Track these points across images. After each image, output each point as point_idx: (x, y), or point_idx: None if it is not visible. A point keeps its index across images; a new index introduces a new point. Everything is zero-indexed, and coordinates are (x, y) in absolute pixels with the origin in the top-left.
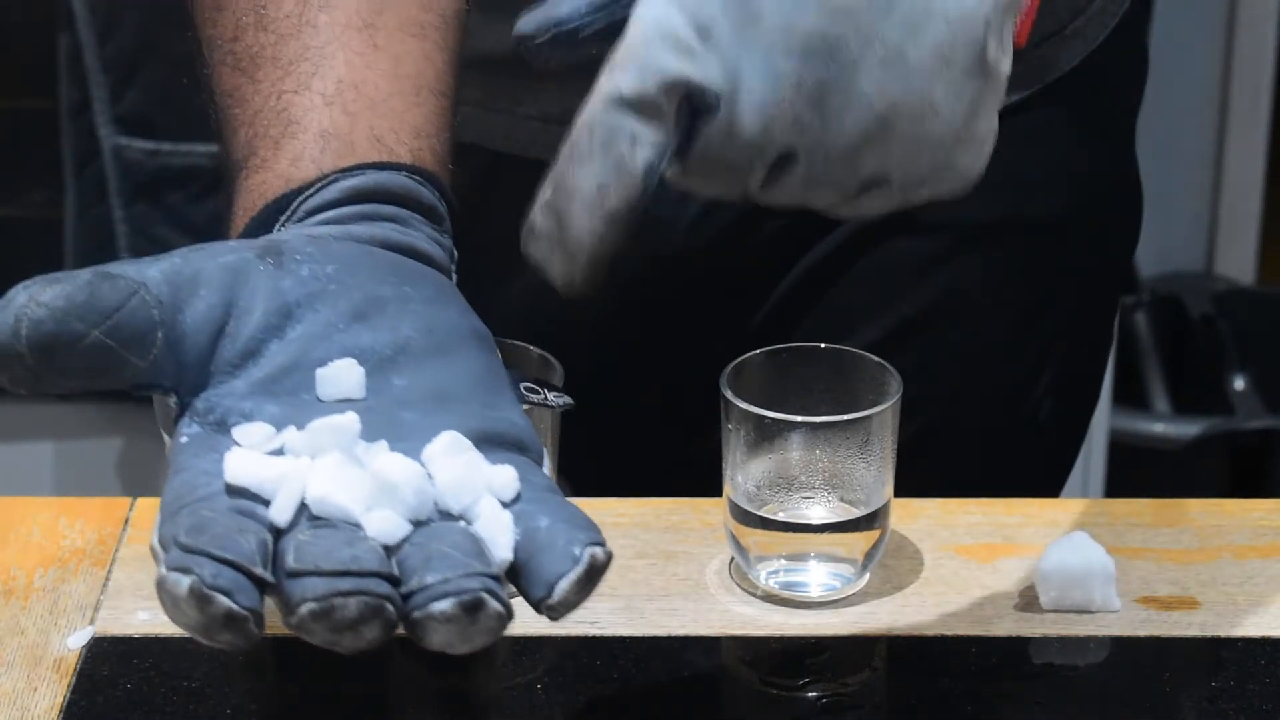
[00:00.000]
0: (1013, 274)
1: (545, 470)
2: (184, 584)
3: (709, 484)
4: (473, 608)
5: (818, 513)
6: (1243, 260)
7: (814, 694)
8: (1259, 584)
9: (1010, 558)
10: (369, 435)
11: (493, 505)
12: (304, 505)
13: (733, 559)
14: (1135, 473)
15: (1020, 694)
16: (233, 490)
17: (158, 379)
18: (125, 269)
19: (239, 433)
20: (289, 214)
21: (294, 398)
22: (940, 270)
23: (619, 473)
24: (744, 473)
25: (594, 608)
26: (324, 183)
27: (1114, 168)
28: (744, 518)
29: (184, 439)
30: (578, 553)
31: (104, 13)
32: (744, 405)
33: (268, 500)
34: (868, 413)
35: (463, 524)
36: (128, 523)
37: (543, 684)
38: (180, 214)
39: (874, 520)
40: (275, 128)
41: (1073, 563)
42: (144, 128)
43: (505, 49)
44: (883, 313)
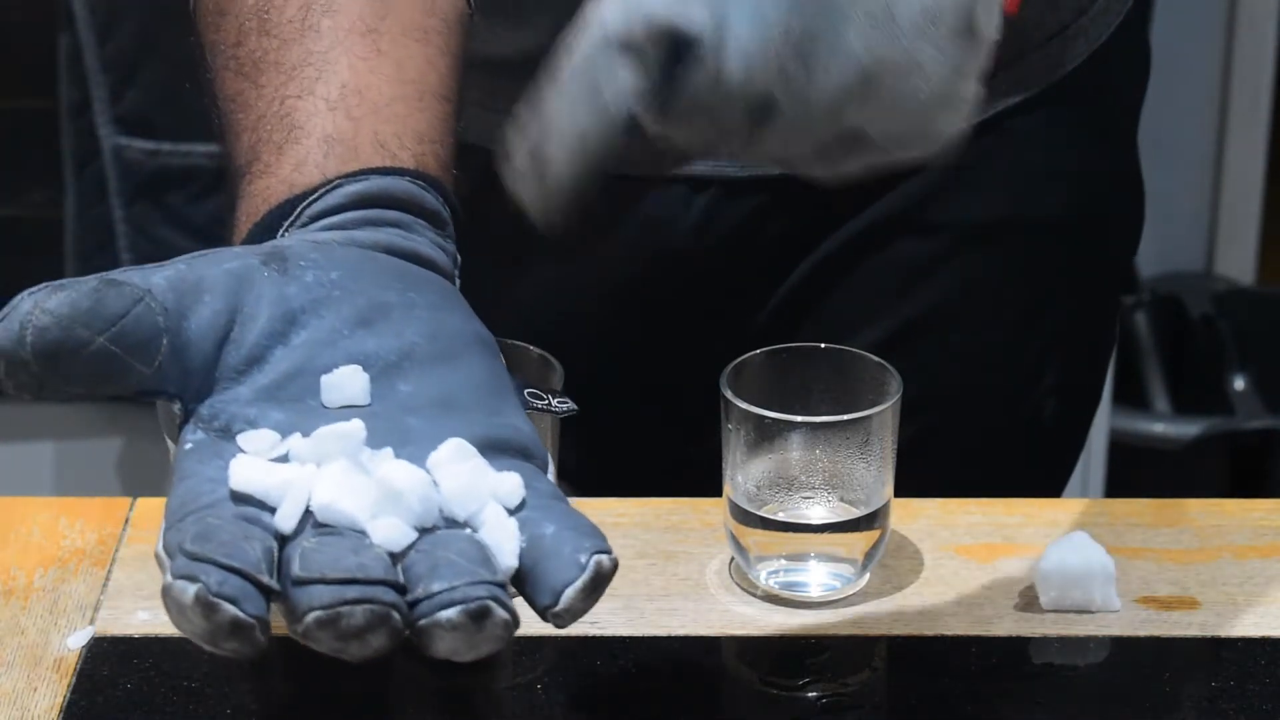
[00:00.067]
0: (1015, 275)
1: (549, 476)
2: (190, 592)
3: (709, 484)
4: (479, 615)
5: (818, 513)
6: (1243, 260)
7: (814, 694)
8: (1259, 584)
9: (1010, 558)
10: (374, 442)
11: (498, 512)
12: (309, 512)
13: (733, 559)
14: (1135, 473)
15: (1020, 694)
16: (238, 497)
17: (162, 385)
18: (130, 276)
19: (244, 439)
20: (293, 219)
21: (299, 404)
22: (942, 271)
23: (619, 473)
24: (744, 473)
25: (594, 608)
26: (327, 188)
27: (1116, 168)
28: (744, 518)
29: (188, 446)
30: (584, 560)
31: (104, 13)
32: (744, 405)
33: (273, 507)
34: (868, 413)
35: (468, 531)
36: (128, 523)
37: (543, 684)
38: (180, 214)
39: (874, 520)
40: (278, 133)
41: (1073, 563)
42: (144, 128)
43: (508, 51)
44: (884, 314)
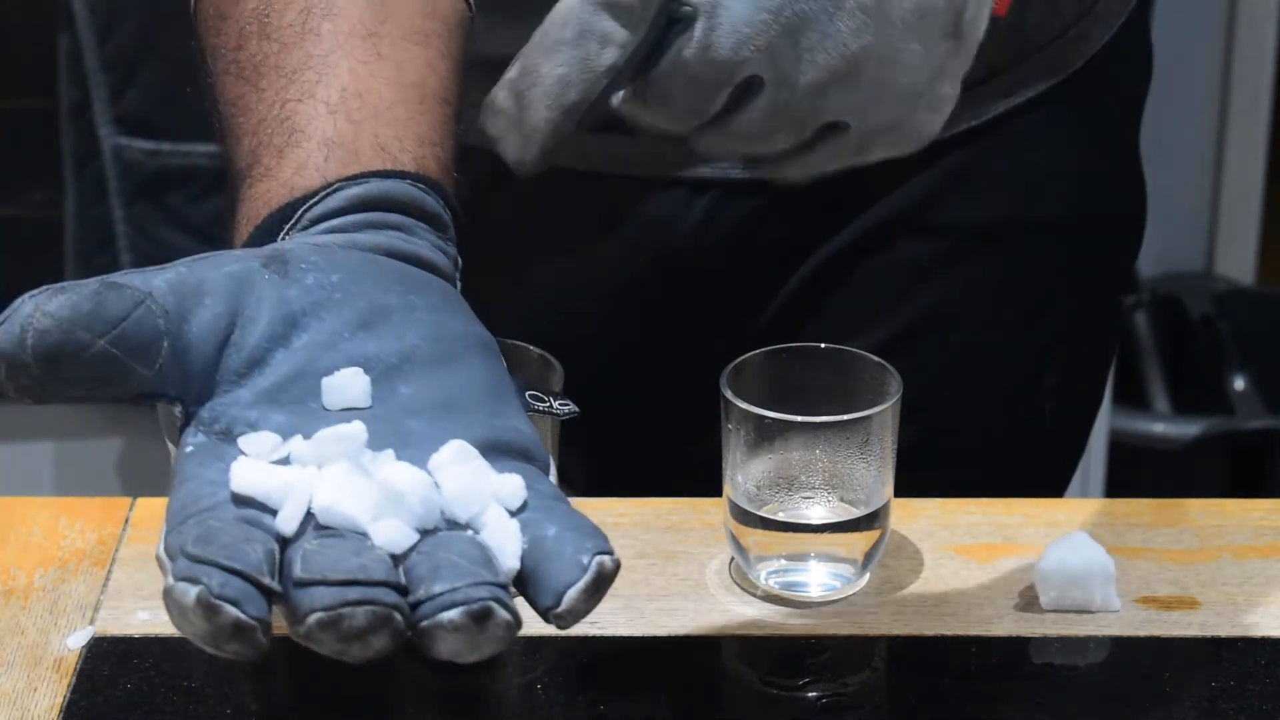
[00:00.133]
0: (1016, 275)
1: (551, 478)
2: (191, 594)
3: (709, 484)
4: (481, 617)
5: (818, 513)
6: (1243, 260)
7: (814, 694)
8: (1259, 584)
9: (1010, 558)
10: (375, 444)
11: (500, 514)
12: (310, 514)
13: (733, 559)
14: (1135, 473)
15: (1020, 694)
16: (239, 500)
17: (163, 388)
18: (131, 279)
19: (245, 442)
20: (293, 223)
21: (300, 407)
22: (943, 272)
23: (619, 473)
24: (744, 473)
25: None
26: (328, 191)
27: (1117, 168)
28: (744, 518)
29: (189, 448)
30: (585, 561)
31: (104, 13)
32: (744, 405)
33: (274, 510)
34: (868, 413)
35: (470, 533)
36: (128, 523)
37: (543, 684)
38: (180, 214)
39: (874, 520)
40: (279, 136)
41: (1073, 563)
42: (144, 128)
43: (508, 52)
44: (885, 315)
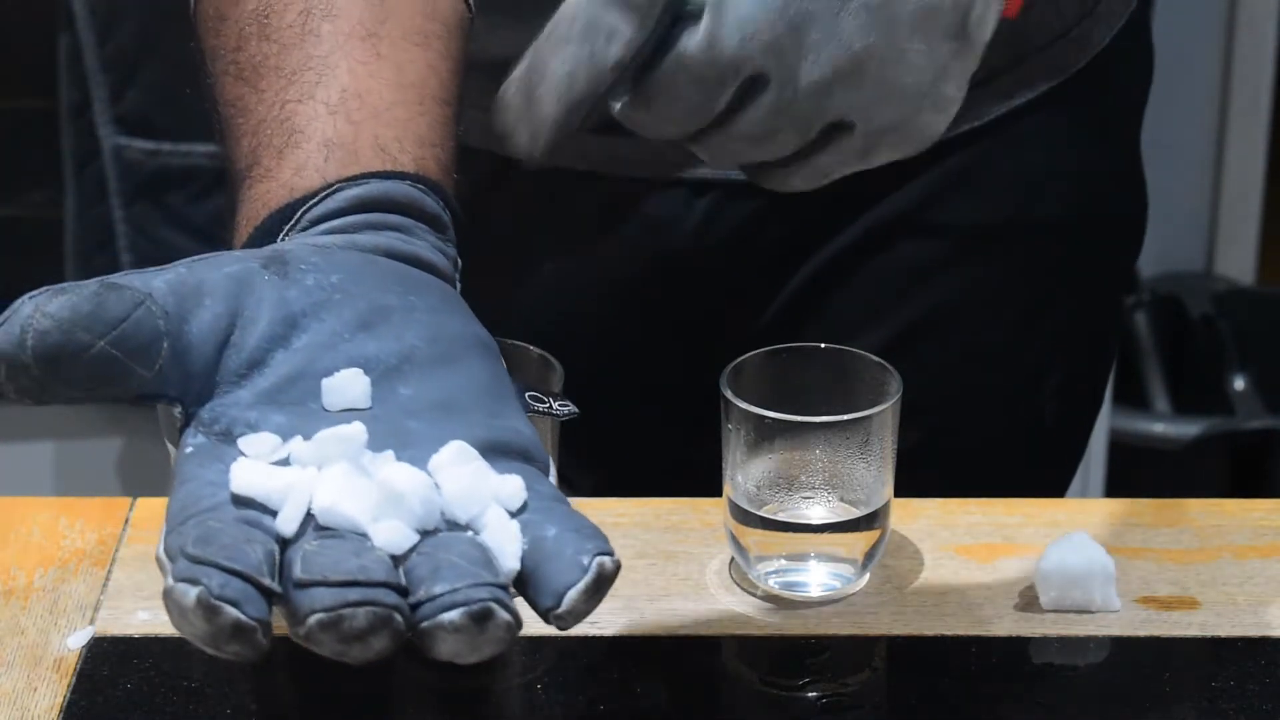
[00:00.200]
0: (1016, 276)
1: (550, 479)
2: (191, 595)
3: (709, 484)
4: (481, 617)
5: (818, 513)
6: (1243, 260)
7: (814, 694)
8: (1259, 584)
9: (1010, 558)
10: (375, 445)
11: (500, 515)
12: (310, 515)
13: (733, 559)
14: (1135, 473)
15: (1020, 694)
16: (239, 500)
17: (163, 389)
18: (131, 279)
19: (244, 443)
20: (293, 223)
21: (300, 408)
22: (944, 273)
23: (619, 473)
24: (744, 473)
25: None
26: (328, 192)
27: (1118, 168)
28: (744, 518)
29: (189, 449)
30: (586, 562)
31: (104, 13)
32: (744, 405)
33: (274, 510)
34: (868, 413)
35: (470, 534)
36: (128, 523)
37: (543, 684)
38: (180, 214)
39: (874, 520)
40: (279, 137)
41: (1073, 563)
42: (144, 128)
43: (510, 53)
44: (886, 316)
